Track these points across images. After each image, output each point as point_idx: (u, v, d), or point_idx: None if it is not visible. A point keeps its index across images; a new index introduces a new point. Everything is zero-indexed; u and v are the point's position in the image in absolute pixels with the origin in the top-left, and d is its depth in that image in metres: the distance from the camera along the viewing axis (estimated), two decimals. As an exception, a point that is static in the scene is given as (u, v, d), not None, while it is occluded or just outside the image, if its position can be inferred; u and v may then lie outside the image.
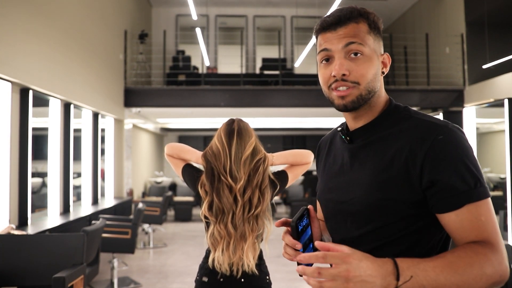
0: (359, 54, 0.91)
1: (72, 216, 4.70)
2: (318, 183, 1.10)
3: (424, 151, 0.85)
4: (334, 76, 0.91)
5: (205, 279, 1.66)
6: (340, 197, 0.98)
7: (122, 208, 6.45)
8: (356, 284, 0.72)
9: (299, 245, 0.87)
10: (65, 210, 4.98)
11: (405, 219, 0.88)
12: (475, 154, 0.88)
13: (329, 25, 0.94)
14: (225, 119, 1.78)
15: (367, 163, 0.93)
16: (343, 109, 0.93)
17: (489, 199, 0.85)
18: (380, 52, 0.96)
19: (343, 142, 1.01)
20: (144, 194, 9.80)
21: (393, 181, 0.88)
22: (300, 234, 0.88)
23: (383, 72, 0.96)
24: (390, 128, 0.93)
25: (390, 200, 0.88)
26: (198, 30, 7.95)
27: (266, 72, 9.50)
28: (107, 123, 6.93)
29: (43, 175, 4.62)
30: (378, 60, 0.94)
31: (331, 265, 0.75)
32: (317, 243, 0.77)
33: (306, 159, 1.84)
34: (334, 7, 6.97)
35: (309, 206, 0.97)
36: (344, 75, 0.90)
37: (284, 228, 0.96)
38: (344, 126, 1.03)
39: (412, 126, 0.90)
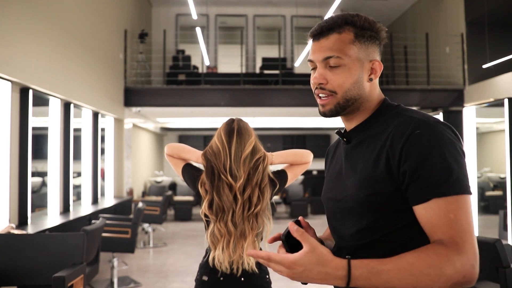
0: (337, 66, 0.95)
1: (72, 216, 4.70)
2: (324, 185, 1.14)
3: (401, 144, 0.87)
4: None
5: (205, 278, 1.67)
6: (337, 195, 1.01)
7: (122, 208, 6.45)
8: (299, 279, 0.84)
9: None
10: (65, 209, 4.98)
11: (395, 214, 0.90)
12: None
13: (313, 35, 0.99)
14: (225, 119, 1.80)
15: (358, 161, 0.96)
16: (323, 115, 1.00)
17: (465, 196, 0.83)
18: (368, 59, 0.97)
19: (343, 144, 1.05)
20: (144, 194, 9.80)
21: (379, 176, 0.90)
22: (293, 246, 0.90)
23: (371, 79, 0.98)
24: (379, 126, 0.96)
25: (377, 195, 0.90)
26: (198, 30, 7.95)
27: (266, 71, 9.50)
28: (107, 122, 6.93)
29: (43, 174, 4.62)
30: (362, 68, 0.96)
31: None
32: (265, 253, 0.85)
33: (305, 158, 1.85)
34: (334, 7, 6.97)
35: (300, 217, 1.00)
36: (321, 83, 0.96)
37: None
38: (342, 129, 1.07)
39: (397, 123, 0.92)
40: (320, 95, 0.97)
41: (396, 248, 0.87)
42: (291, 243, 0.92)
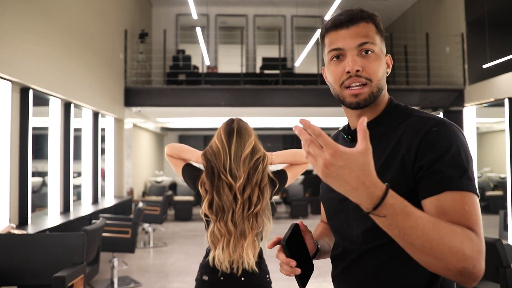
0: (370, 52, 0.94)
1: (72, 216, 4.70)
2: (322, 183, 1.11)
3: (418, 141, 0.87)
4: (348, 73, 0.93)
5: (205, 277, 1.67)
6: (341, 195, 0.99)
7: (122, 208, 6.45)
8: (329, 175, 0.73)
9: (293, 262, 0.91)
10: (65, 209, 4.98)
11: None
12: (475, 153, 0.88)
13: (342, 23, 0.95)
14: (225, 119, 1.80)
15: None
16: (356, 106, 0.95)
17: (476, 196, 0.83)
18: (384, 52, 0.99)
19: (345, 142, 1.03)
20: (144, 194, 9.80)
21: (391, 175, 0.89)
22: (294, 250, 0.90)
23: (387, 72, 0.99)
24: (390, 125, 0.96)
25: None
26: (198, 30, 7.94)
27: (266, 71, 9.50)
28: (107, 122, 6.93)
29: (43, 174, 4.62)
30: (385, 60, 0.98)
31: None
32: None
33: (305, 158, 1.84)
34: (334, 7, 6.97)
35: (299, 221, 0.99)
36: (358, 71, 0.93)
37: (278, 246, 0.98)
38: (346, 126, 1.05)
39: (410, 122, 0.92)
40: (353, 84, 0.94)
41: (404, 251, 0.86)
42: (292, 248, 0.91)
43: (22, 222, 3.90)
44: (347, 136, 1.02)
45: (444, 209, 0.80)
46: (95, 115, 6.19)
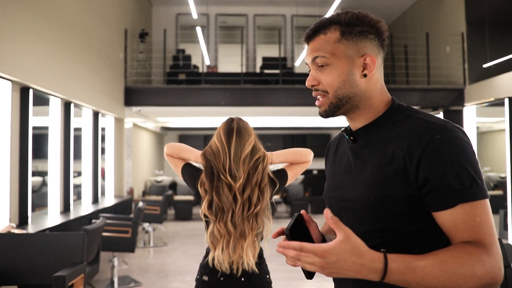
0: (325, 65, 0.96)
1: (73, 215, 4.70)
2: (326, 181, 1.13)
3: (421, 148, 0.86)
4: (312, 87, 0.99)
5: (205, 278, 1.67)
6: (343, 195, 1.00)
7: (123, 207, 6.45)
8: (330, 272, 0.78)
9: (295, 243, 0.88)
10: (66, 209, 4.98)
11: (406, 217, 0.89)
12: (475, 153, 0.87)
13: (305, 39, 1.00)
14: (225, 118, 1.78)
15: (369, 161, 0.95)
16: (321, 116, 1.01)
17: (487, 200, 0.84)
18: (359, 54, 0.95)
19: (348, 142, 1.03)
20: (144, 193, 9.80)
21: (392, 178, 0.89)
22: (298, 240, 0.88)
23: (365, 75, 0.95)
24: (391, 127, 0.95)
25: (389, 198, 0.89)
26: (198, 29, 7.94)
27: (266, 71, 9.50)
28: (107, 122, 6.93)
29: (43, 174, 4.62)
30: (352, 65, 0.95)
31: None
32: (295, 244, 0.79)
33: (305, 157, 1.84)
34: (334, 6, 6.96)
35: (302, 211, 0.99)
36: (313, 85, 0.98)
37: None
38: (348, 127, 1.05)
39: (412, 125, 0.91)
40: (317, 97, 0.99)
41: (403, 252, 0.86)
42: (296, 238, 0.90)
43: (22, 221, 3.90)
44: (349, 137, 1.02)
45: (456, 225, 0.83)
46: (95, 114, 6.19)
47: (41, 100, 4.50)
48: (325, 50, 0.95)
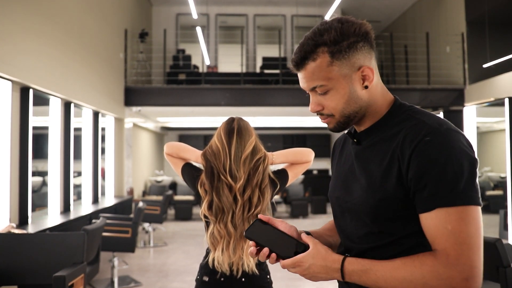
0: (325, 92, 0.94)
1: (73, 215, 4.70)
2: (331, 181, 1.13)
3: (411, 149, 0.86)
4: None
5: (205, 278, 1.66)
6: (345, 196, 1.00)
7: (123, 207, 6.45)
8: (309, 276, 0.93)
9: (252, 248, 0.97)
10: (66, 209, 4.98)
11: (406, 219, 0.89)
12: (473, 158, 0.85)
13: (293, 67, 0.96)
14: (226, 118, 1.77)
15: (369, 164, 0.95)
16: (331, 131, 1.04)
17: (471, 207, 0.81)
18: (355, 68, 0.92)
19: (352, 144, 1.03)
20: (144, 193, 9.80)
21: (390, 180, 0.89)
22: (268, 238, 0.97)
23: (366, 86, 0.93)
24: (392, 129, 0.94)
25: (388, 200, 0.89)
26: (198, 29, 7.94)
27: (266, 71, 9.49)
28: (107, 122, 6.93)
29: (43, 174, 4.62)
30: (351, 82, 0.92)
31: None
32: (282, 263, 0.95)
33: (306, 157, 1.83)
34: (334, 7, 6.96)
35: (259, 215, 1.02)
36: (318, 111, 0.98)
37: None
38: (352, 128, 1.05)
39: (409, 126, 0.90)
40: (321, 119, 1.00)
41: (404, 254, 0.87)
42: (261, 238, 0.97)
43: (22, 221, 3.90)
44: (353, 139, 1.02)
45: (429, 230, 0.85)
46: (95, 114, 6.18)
47: (41, 100, 4.50)
48: (321, 78, 0.92)
